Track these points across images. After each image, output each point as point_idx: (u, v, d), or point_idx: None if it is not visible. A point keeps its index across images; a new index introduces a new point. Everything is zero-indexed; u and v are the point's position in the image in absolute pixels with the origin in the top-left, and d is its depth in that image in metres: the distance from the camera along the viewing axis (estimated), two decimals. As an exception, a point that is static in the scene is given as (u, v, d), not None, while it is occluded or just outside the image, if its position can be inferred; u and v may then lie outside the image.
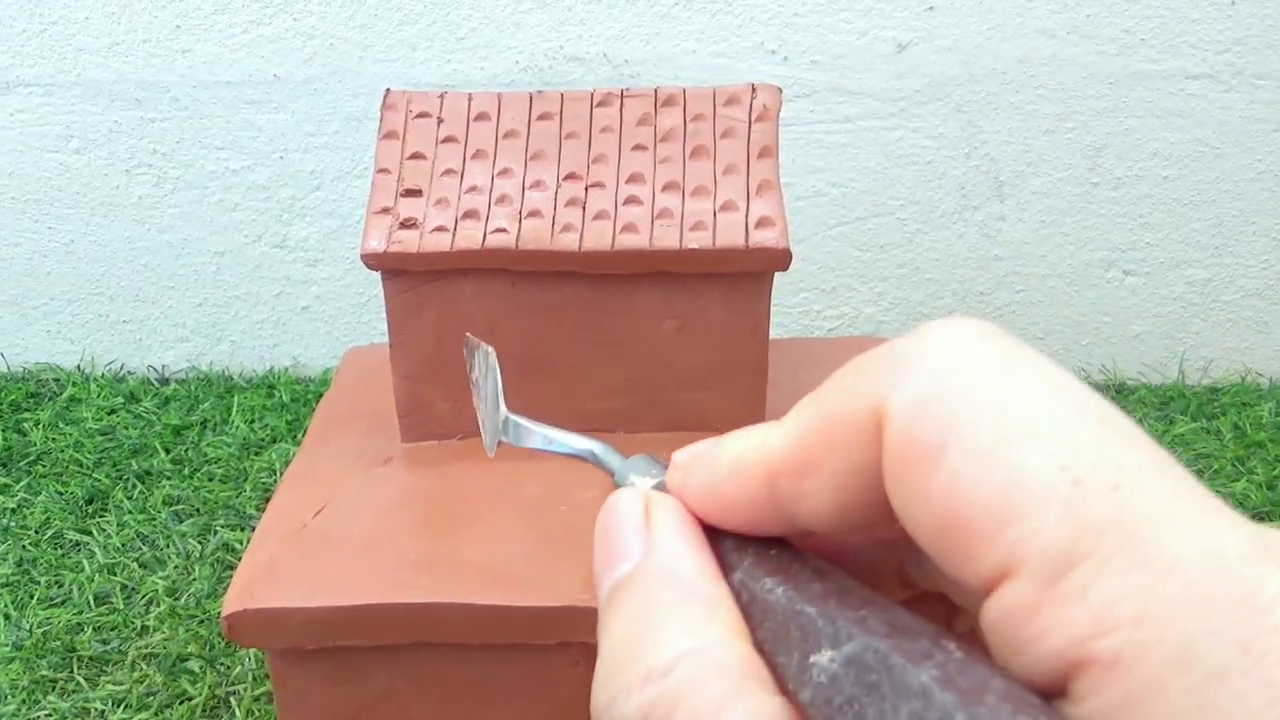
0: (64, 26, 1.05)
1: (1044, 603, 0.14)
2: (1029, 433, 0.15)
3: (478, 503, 0.59)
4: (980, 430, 0.15)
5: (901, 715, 0.14)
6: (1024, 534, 0.14)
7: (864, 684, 0.15)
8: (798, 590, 0.17)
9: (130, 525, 0.89)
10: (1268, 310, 1.14)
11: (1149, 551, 0.14)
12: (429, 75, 1.05)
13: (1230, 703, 0.13)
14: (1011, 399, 0.16)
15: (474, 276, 0.61)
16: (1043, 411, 0.15)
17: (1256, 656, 0.13)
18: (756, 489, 0.18)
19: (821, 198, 1.09)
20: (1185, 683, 0.13)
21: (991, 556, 0.15)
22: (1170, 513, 0.14)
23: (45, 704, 0.73)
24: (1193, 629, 0.13)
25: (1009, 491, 0.15)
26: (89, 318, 1.17)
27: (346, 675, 0.56)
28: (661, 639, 0.17)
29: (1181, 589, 0.14)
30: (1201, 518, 0.14)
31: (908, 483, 0.16)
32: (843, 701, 0.15)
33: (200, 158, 1.09)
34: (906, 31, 1.03)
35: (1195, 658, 0.13)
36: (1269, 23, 1.02)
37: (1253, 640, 0.13)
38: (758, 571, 0.18)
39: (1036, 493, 0.15)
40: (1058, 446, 0.15)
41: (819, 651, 0.16)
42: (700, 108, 0.63)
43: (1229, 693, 0.13)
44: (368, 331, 1.16)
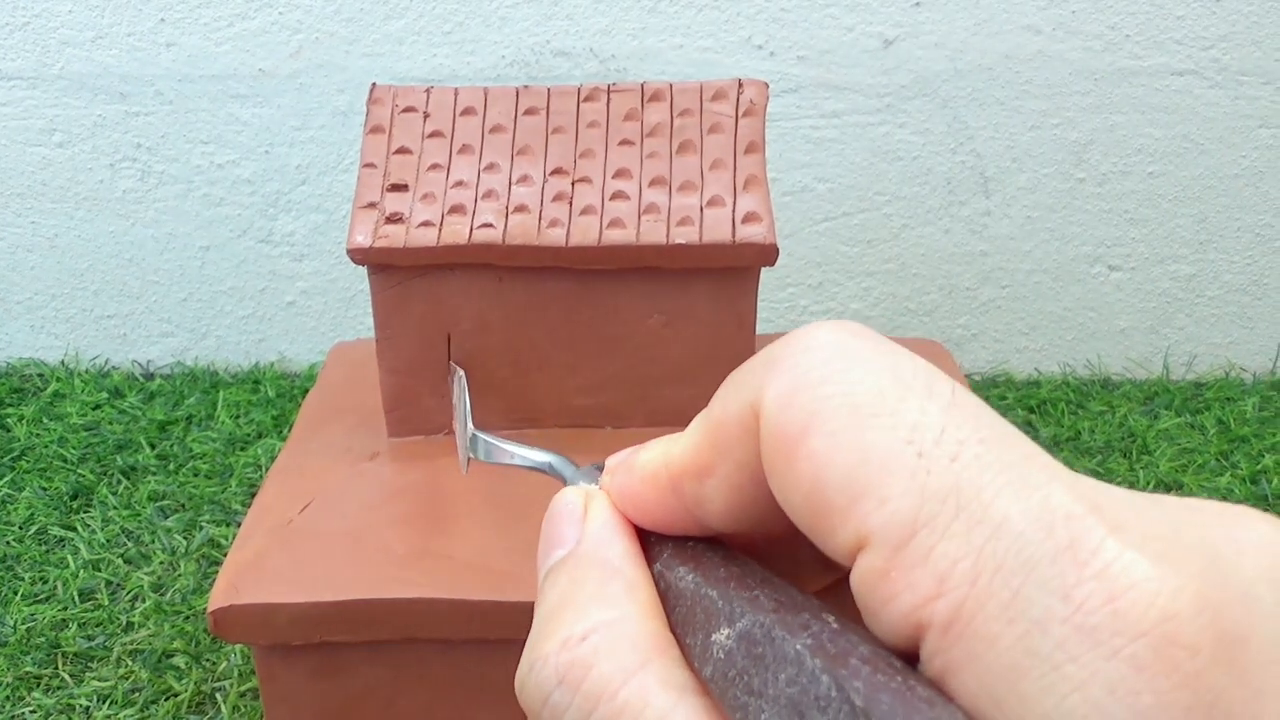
0: (47, 19, 1.04)
1: (891, 568, 0.15)
2: (879, 413, 0.16)
3: (465, 498, 0.59)
4: (836, 414, 0.16)
5: (780, 682, 0.16)
6: (873, 506, 0.16)
7: (752, 656, 0.16)
8: (705, 576, 0.19)
9: (115, 521, 0.89)
10: (1251, 306, 1.14)
11: (983, 514, 0.15)
12: (415, 69, 1.05)
13: (1052, 650, 0.14)
14: (865, 385, 0.17)
15: (460, 272, 0.61)
16: (892, 394, 0.16)
17: (1076, 604, 0.14)
18: (664, 494, 0.20)
19: (808, 193, 1.09)
20: (1012, 634, 0.14)
21: (849, 529, 0.16)
22: (1005, 478, 0.15)
23: (29, 700, 0.72)
24: (1018, 582, 0.14)
25: (861, 468, 0.16)
26: (73, 313, 1.16)
27: (333, 671, 0.55)
28: (581, 612, 0.19)
29: (1009, 545, 0.14)
30: (1034, 480, 0.15)
31: (779, 470, 0.17)
32: (735, 674, 0.17)
33: (185, 152, 1.09)
34: (893, 27, 1.03)
35: (1020, 609, 0.14)
36: (1253, 19, 1.03)
37: (1073, 588, 0.14)
38: (674, 562, 0.19)
39: (884, 467, 0.16)
40: (904, 423, 0.16)
41: (719, 630, 0.17)
42: (687, 103, 0.63)
43: (1051, 640, 0.14)
44: (354, 326, 1.16)
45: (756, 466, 0.18)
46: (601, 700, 0.17)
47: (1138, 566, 0.14)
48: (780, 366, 0.18)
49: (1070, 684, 0.14)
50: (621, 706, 0.17)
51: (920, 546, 0.15)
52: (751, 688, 0.16)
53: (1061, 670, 0.14)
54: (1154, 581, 0.14)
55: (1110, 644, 0.14)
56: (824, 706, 0.15)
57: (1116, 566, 0.14)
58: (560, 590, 0.19)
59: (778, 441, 0.17)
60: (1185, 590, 0.14)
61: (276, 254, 1.13)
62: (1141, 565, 0.14)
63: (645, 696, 0.17)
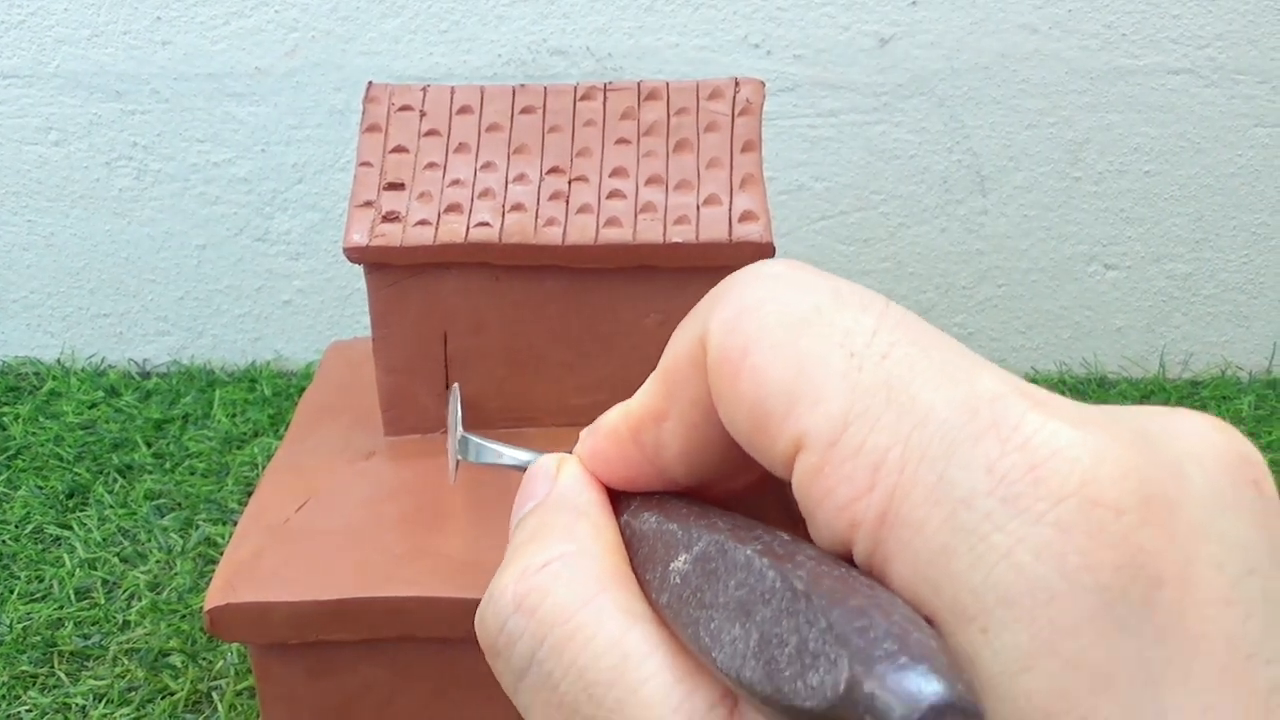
0: (43, 17, 1.04)
1: (825, 464, 0.15)
2: (815, 323, 0.17)
3: (461, 497, 0.59)
4: (775, 329, 0.17)
5: (730, 588, 0.16)
6: (808, 407, 0.16)
7: (706, 573, 0.17)
8: (667, 515, 0.19)
9: (111, 520, 0.89)
10: (1247, 304, 1.15)
11: (911, 404, 0.15)
12: (412, 68, 1.05)
13: (978, 523, 0.14)
14: (802, 302, 0.17)
15: (457, 270, 0.61)
16: (829, 307, 0.17)
17: (999, 477, 0.14)
18: (626, 447, 0.20)
19: (805, 192, 1.09)
20: (939, 515, 0.14)
21: (786, 435, 0.16)
22: (933, 371, 0.16)
23: (25, 699, 0.72)
24: (942, 465, 0.14)
25: (797, 375, 0.16)
26: (69, 311, 1.16)
27: (330, 669, 0.55)
28: (543, 545, 0.19)
29: (934, 431, 0.15)
30: (961, 372, 0.15)
31: (724, 394, 0.17)
32: (690, 593, 0.17)
33: (181, 150, 1.09)
34: (889, 26, 1.03)
35: (945, 491, 0.14)
36: (1249, 18, 1.03)
37: (995, 462, 0.14)
38: (639, 510, 0.20)
39: (819, 370, 0.16)
40: (837, 328, 0.16)
41: (677, 558, 0.18)
42: (684, 101, 0.63)
43: (976, 515, 0.14)
44: (350, 325, 1.15)
45: (708, 401, 0.18)
46: (556, 625, 0.17)
47: (1060, 434, 0.14)
48: (723, 298, 0.18)
49: (997, 553, 0.14)
50: (574, 630, 0.17)
51: (852, 440, 0.15)
52: (704, 601, 0.16)
53: (988, 541, 0.14)
54: (1076, 447, 0.14)
55: (1033, 510, 0.14)
56: (768, 599, 0.15)
57: (1038, 437, 0.14)
58: (527, 532, 0.20)
59: (722, 366, 0.17)
60: (1108, 454, 0.14)
61: (273, 253, 1.13)
62: (1064, 433, 0.14)
63: (600, 620, 0.17)
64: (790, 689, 0.14)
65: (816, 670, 0.14)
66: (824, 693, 0.14)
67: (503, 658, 0.18)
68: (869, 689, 0.13)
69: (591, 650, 0.17)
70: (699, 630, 0.16)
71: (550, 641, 0.17)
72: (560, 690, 0.17)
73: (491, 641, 0.18)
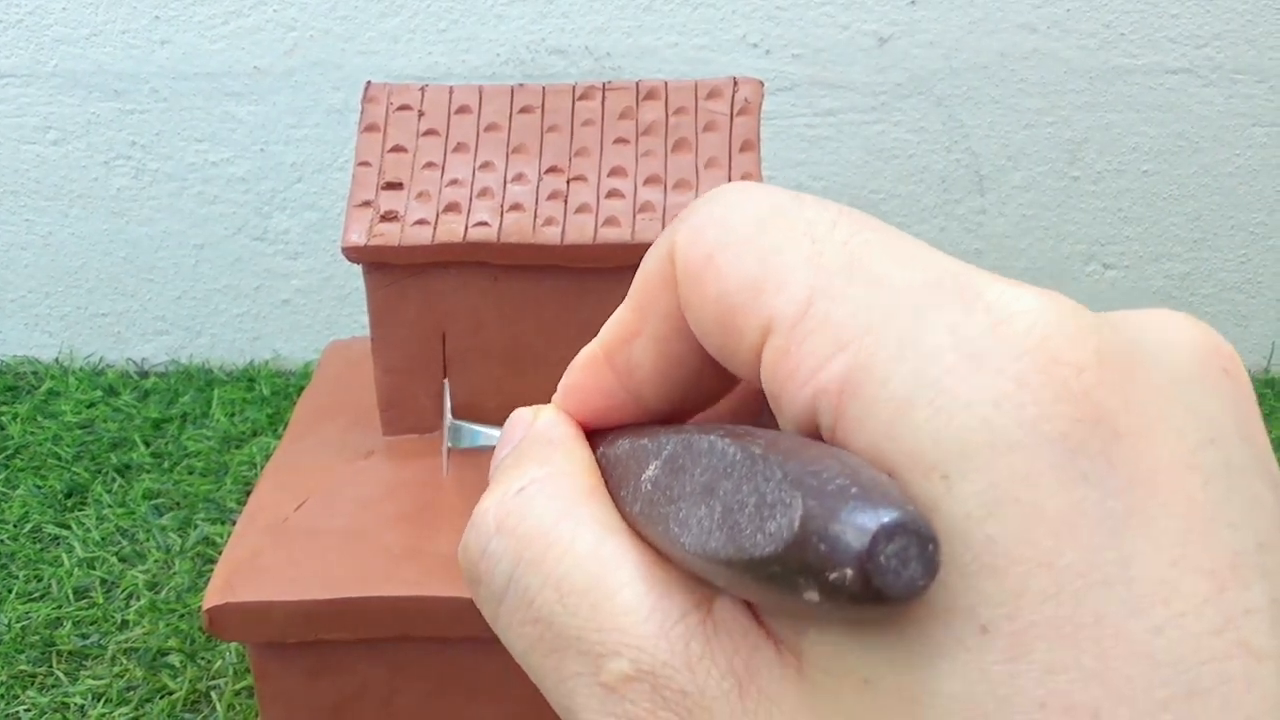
0: (41, 16, 1.04)
1: (791, 342, 0.16)
2: (778, 220, 0.17)
3: (459, 495, 0.59)
4: (738, 229, 0.17)
5: (696, 475, 0.16)
6: (772, 292, 0.16)
7: (673, 470, 0.17)
8: (639, 436, 0.19)
9: (110, 519, 0.89)
10: (1246, 304, 1.15)
11: (874, 280, 0.15)
12: (410, 67, 1.05)
13: (941, 375, 0.14)
14: (766, 206, 0.17)
15: (455, 270, 0.61)
16: (790, 205, 0.17)
17: (961, 335, 0.14)
18: (601, 375, 0.20)
19: (804, 191, 1.09)
20: (903, 371, 0.14)
21: (753, 325, 0.16)
22: (896, 253, 0.16)
23: (24, 699, 0.72)
24: (907, 323, 0.15)
25: (759, 264, 0.16)
26: (67, 310, 1.16)
27: (328, 669, 0.55)
28: (521, 472, 0.19)
29: (900, 297, 0.15)
30: (922, 255, 0.16)
31: (692, 300, 0.17)
32: (659, 495, 0.17)
33: (180, 150, 1.09)
34: (888, 25, 1.03)
35: (909, 348, 0.14)
36: (1247, 18, 1.03)
37: (959, 322, 0.14)
38: (614, 439, 0.20)
39: (782, 258, 0.16)
40: (798, 219, 0.17)
41: (647, 468, 0.18)
42: (682, 101, 0.63)
43: (939, 369, 0.14)
44: (349, 325, 1.15)
45: (678, 314, 0.18)
46: (534, 539, 0.18)
47: (1023, 298, 0.14)
48: (690, 212, 0.18)
49: (958, 404, 0.14)
50: (551, 543, 0.17)
51: (816, 314, 0.15)
52: (671, 496, 0.17)
53: (950, 393, 0.14)
54: (1038, 310, 0.14)
55: (994, 363, 0.14)
56: (729, 472, 0.15)
57: (1001, 300, 0.14)
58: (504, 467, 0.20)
59: (689, 272, 0.17)
60: (1070, 318, 0.14)
61: (271, 252, 1.13)
62: (1027, 297, 0.14)
63: (576, 532, 0.18)
64: (750, 543, 0.14)
65: (774, 518, 0.14)
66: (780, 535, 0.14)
67: (484, 583, 0.18)
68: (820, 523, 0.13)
69: (568, 561, 0.17)
70: (669, 525, 0.16)
71: (528, 556, 0.18)
72: (536, 605, 0.17)
73: (474, 567, 0.19)
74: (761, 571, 0.14)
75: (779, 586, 0.14)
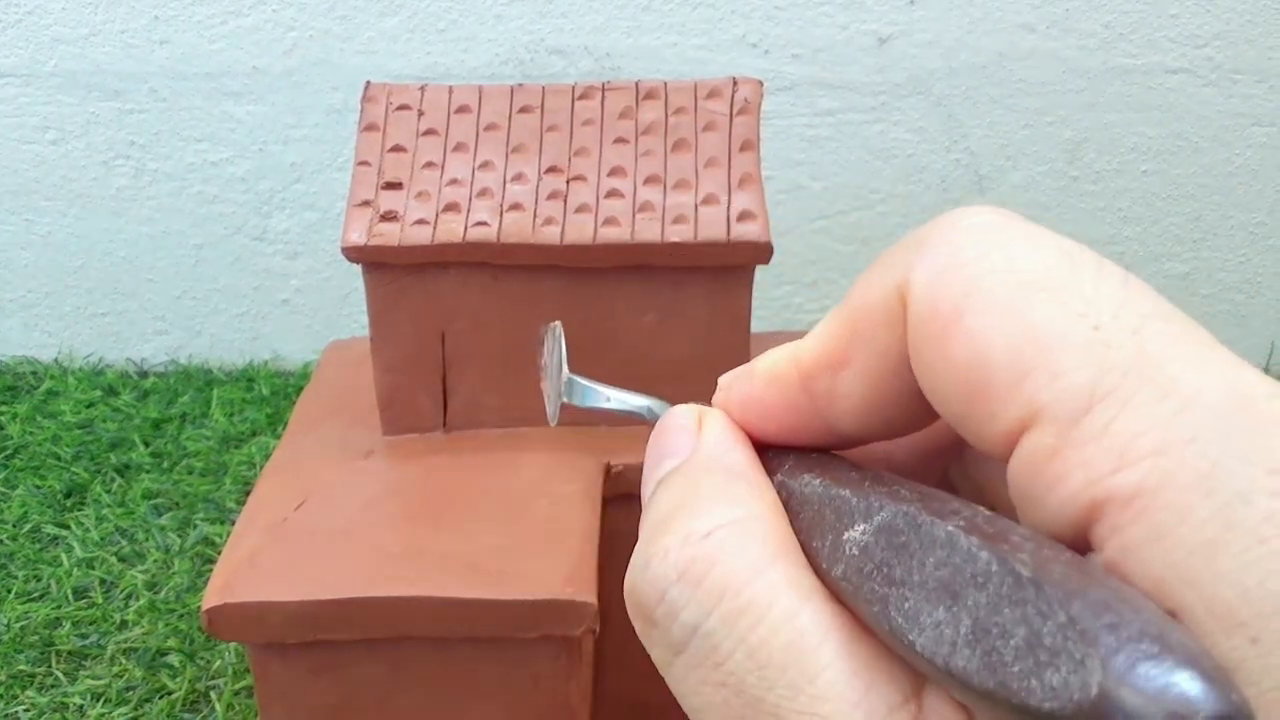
0: (40, 16, 1.04)
1: (1064, 445, 0.14)
2: (1046, 286, 0.15)
3: (460, 496, 0.59)
4: (997, 289, 0.15)
5: (928, 566, 0.14)
6: (1044, 380, 0.14)
7: (893, 546, 0.15)
8: (834, 479, 0.17)
9: (109, 519, 0.89)
10: (1245, 304, 1.15)
11: (1170, 386, 0.14)
12: (409, 67, 1.05)
13: (1258, 524, 0.12)
14: (1028, 260, 0.15)
15: (455, 270, 0.61)
16: (1059, 268, 0.15)
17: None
18: (792, 394, 0.18)
19: (803, 191, 1.09)
20: (1209, 506, 0.13)
21: (1013, 409, 0.14)
22: (1192, 353, 0.14)
23: (23, 699, 0.72)
24: (1215, 453, 0.13)
25: (1028, 342, 0.14)
26: (66, 310, 1.16)
27: (328, 669, 0.55)
28: (704, 509, 0.17)
29: (1204, 417, 0.13)
30: (1221, 358, 0.14)
31: (929, 352, 0.16)
32: (872, 568, 0.15)
33: (179, 150, 1.09)
34: (887, 25, 1.03)
35: (1219, 481, 0.13)
36: (1246, 17, 1.03)
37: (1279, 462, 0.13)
38: (798, 470, 0.18)
39: (1056, 340, 0.14)
40: (1076, 296, 0.15)
41: (852, 528, 0.16)
42: (682, 101, 0.63)
43: (1255, 513, 0.13)
44: (348, 324, 1.15)
45: (900, 355, 0.16)
46: (725, 597, 0.16)
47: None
48: (930, 245, 0.16)
49: (1276, 556, 0.12)
50: (747, 604, 0.16)
51: (1098, 420, 0.14)
52: (892, 578, 0.15)
53: (1269, 544, 0.12)
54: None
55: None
56: (983, 582, 0.14)
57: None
58: (676, 494, 0.18)
59: (929, 322, 0.16)
60: None
61: (270, 252, 1.13)
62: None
63: (772, 595, 0.16)
64: (1022, 686, 0.13)
65: (1056, 669, 0.12)
66: (1069, 695, 0.12)
67: (660, 628, 0.17)
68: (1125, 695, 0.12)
69: (764, 627, 0.16)
70: (888, 609, 0.15)
71: (719, 613, 0.16)
72: (725, 668, 0.16)
73: (648, 610, 0.17)
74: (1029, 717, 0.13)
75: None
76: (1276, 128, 1.07)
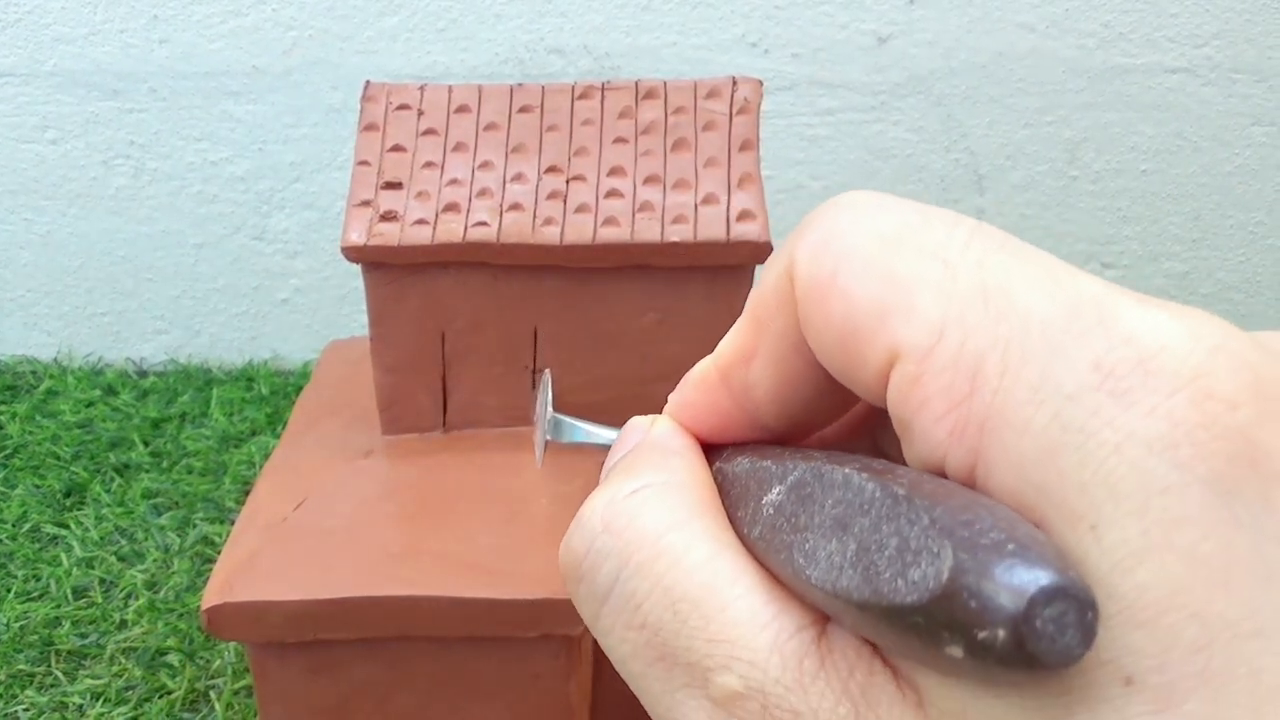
0: (39, 15, 1.04)
1: (923, 373, 0.15)
2: (904, 239, 0.16)
3: (459, 496, 0.59)
4: (863, 249, 0.16)
5: (827, 507, 0.16)
6: (902, 318, 0.15)
7: (801, 499, 0.16)
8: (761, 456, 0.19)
9: (109, 519, 0.89)
10: (1245, 303, 1.15)
11: (1009, 307, 0.15)
12: (409, 66, 1.05)
13: (1086, 419, 0.13)
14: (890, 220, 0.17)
15: (455, 270, 0.61)
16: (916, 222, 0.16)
17: (1106, 371, 0.14)
18: (716, 394, 0.20)
19: (802, 190, 1.09)
20: (1045, 415, 0.14)
21: (880, 349, 0.16)
22: (1032, 276, 0.15)
23: (23, 698, 0.72)
24: (1046, 362, 0.14)
25: (889, 288, 0.16)
26: (66, 309, 1.16)
27: (327, 668, 0.55)
28: (634, 475, 0.19)
29: (1037, 331, 0.14)
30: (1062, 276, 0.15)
31: (814, 320, 0.17)
32: (783, 521, 0.17)
33: (178, 149, 1.09)
34: (886, 25, 1.03)
35: (1051, 387, 0.14)
36: (1246, 17, 1.03)
37: (1103, 357, 0.14)
38: (732, 456, 0.20)
39: (911, 281, 0.16)
40: (929, 242, 0.16)
41: (770, 491, 0.17)
42: (681, 100, 0.63)
43: (1084, 411, 0.13)
44: (348, 324, 1.15)
45: (797, 333, 0.18)
46: (644, 544, 0.17)
47: (1169, 328, 0.14)
48: (809, 226, 0.18)
49: (1106, 448, 0.13)
50: (662, 550, 0.17)
51: (949, 346, 0.15)
52: (798, 525, 0.16)
53: (1097, 437, 0.13)
54: (1187, 341, 0.14)
55: (1144, 403, 0.13)
56: (867, 509, 0.15)
57: (1147, 333, 0.14)
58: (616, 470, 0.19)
59: (810, 291, 0.17)
60: (1221, 349, 0.14)
61: (270, 251, 1.13)
62: (1173, 327, 0.14)
63: (689, 543, 0.17)
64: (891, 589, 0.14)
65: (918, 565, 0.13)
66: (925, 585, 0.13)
67: (586, 581, 0.18)
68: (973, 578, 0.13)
69: (679, 569, 0.17)
70: (793, 554, 0.16)
71: (637, 560, 0.17)
72: (644, 610, 0.17)
73: (576, 564, 0.18)
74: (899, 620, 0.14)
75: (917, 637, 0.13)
76: (1276, 127, 1.07)
